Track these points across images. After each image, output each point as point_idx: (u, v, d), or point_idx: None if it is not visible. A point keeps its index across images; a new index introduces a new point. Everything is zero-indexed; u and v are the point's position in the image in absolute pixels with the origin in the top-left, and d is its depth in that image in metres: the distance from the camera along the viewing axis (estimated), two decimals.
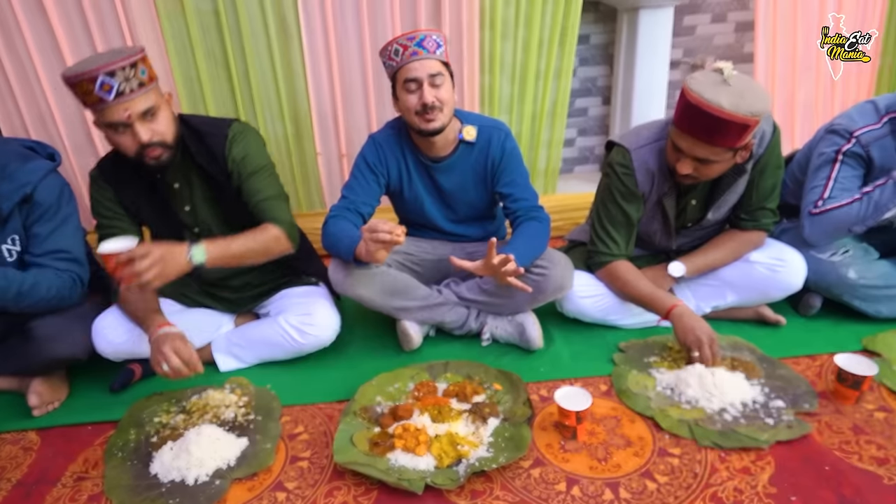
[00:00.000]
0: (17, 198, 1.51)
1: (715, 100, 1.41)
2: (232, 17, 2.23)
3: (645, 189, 1.73)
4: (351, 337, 1.92)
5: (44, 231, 1.57)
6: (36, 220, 1.56)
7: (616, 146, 1.76)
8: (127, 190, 1.64)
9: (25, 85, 2.25)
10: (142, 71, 1.44)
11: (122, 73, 1.39)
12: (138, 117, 1.44)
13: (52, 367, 1.65)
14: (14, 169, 1.52)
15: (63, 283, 1.58)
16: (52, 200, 1.57)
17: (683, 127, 1.51)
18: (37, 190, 1.54)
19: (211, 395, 1.62)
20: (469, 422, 1.43)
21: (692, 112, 1.45)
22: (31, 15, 2.13)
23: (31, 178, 1.53)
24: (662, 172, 1.70)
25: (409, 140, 1.79)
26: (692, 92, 1.44)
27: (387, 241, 1.44)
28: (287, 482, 1.34)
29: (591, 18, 2.89)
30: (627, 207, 1.74)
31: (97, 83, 1.37)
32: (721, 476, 1.27)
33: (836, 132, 1.74)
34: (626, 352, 1.74)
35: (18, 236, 1.57)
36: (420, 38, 1.61)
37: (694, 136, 1.49)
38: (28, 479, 1.39)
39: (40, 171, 1.56)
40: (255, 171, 1.64)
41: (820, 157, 1.76)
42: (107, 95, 1.39)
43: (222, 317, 1.85)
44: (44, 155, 1.65)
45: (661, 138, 1.69)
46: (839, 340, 1.74)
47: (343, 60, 2.37)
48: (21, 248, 1.58)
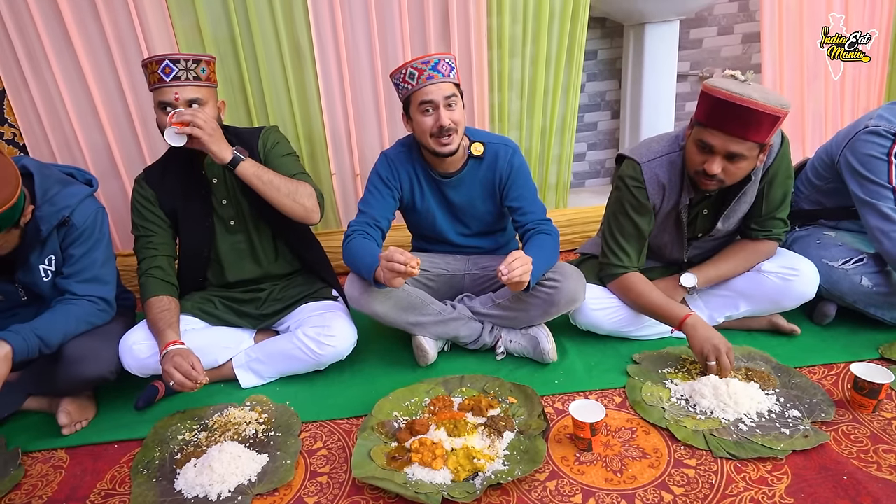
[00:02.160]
0: (55, 221, 1.59)
1: (746, 93, 1.43)
2: (248, 44, 2.30)
3: (656, 201, 1.74)
4: (367, 353, 1.95)
5: (77, 253, 1.64)
6: (71, 242, 1.63)
7: (626, 159, 1.78)
8: (167, 194, 1.81)
9: (53, 114, 2.34)
10: (202, 69, 1.67)
11: (183, 63, 1.63)
12: (184, 102, 1.65)
13: (81, 388, 1.70)
14: (55, 193, 1.59)
15: (94, 310, 1.67)
16: (88, 224, 1.64)
17: (715, 124, 1.50)
18: (74, 213, 1.61)
19: (232, 412, 1.66)
20: (485, 435, 1.45)
21: (724, 107, 1.46)
22: (58, 47, 2.23)
23: (69, 202, 1.61)
24: (673, 185, 1.71)
25: (420, 156, 1.83)
26: (720, 89, 1.46)
27: (401, 272, 1.50)
28: (307, 497, 1.36)
29: (598, 34, 2.94)
30: (638, 220, 1.76)
31: (161, 65, 1.62)
32: (737, 487, 1.27)
33: (878, 133, 1.70)
34: (640, 363, 1.75)
35: (55, 257, 1.64)
36: (434, 61, 1.66)
37: (728, 130, 1.49)
38: (58, 497, 1.44)
39: (79, 195, 1.64)
40: (284, 156, 1.84)
41: (868, 159, 1.71)
42: (165, 77, 1.63)
43: (243, 333, 1.90)
44: (82, 180, 1.73)
45: (671, 151, 1.71)
46: (855, 349, 1.73)
47: (355, 83, 2.43)
48: (56, 268, 1.65)
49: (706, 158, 1.56)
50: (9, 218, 1.44)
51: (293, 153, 1.89)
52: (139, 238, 1.83)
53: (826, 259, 1.80)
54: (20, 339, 1.50)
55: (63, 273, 1.65)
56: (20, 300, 1.71)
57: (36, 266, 1.63)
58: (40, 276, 1.64)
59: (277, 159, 1.81)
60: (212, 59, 1.72)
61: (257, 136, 1.83)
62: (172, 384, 1.56)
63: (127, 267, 2.45)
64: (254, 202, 1.81)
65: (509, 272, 1.51)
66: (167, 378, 1.57)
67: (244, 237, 1.88)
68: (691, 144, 1.61)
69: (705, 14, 2.95)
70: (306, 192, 1.75)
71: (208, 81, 1.70)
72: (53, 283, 1.66)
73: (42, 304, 1.68)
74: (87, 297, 1.66)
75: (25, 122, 2.35)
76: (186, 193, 1.81)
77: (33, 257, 1.61)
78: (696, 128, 1.59)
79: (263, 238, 1.90)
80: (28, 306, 1.72)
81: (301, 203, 1.73)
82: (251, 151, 1.78)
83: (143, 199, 1.81)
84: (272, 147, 1.82)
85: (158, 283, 1.77)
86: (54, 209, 1.58)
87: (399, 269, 1.50)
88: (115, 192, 2.51)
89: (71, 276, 1.65)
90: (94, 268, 1.67)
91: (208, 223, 1.84)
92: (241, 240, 1.88)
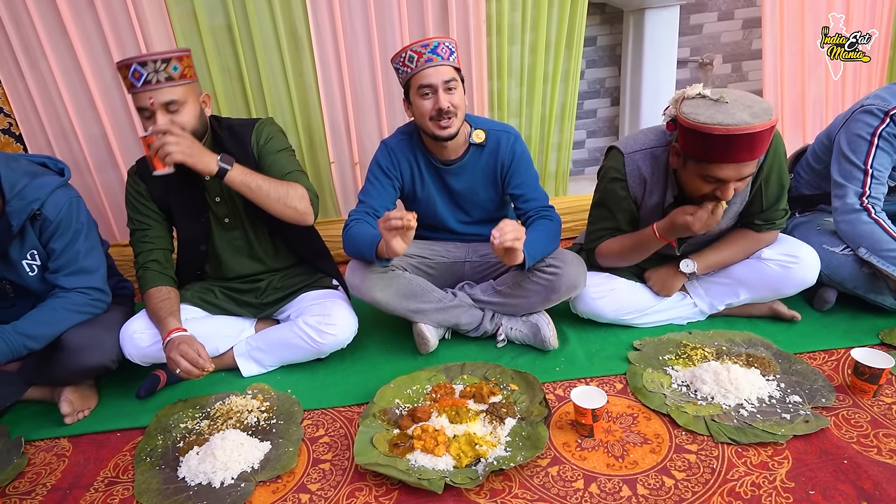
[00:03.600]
0: (25, 214, 1.55)
1: (740, 121, 1.38)
2: (245, 32, 2.28)
3: (637, 194, 1.73)
4: (368, 341, 1.95)
5: (59, 246, 1.62)
6: (50, 237, 1.61)
7: (612, 149, 1.76)
8: (159, 187, 1.75)
9: (48, 103, 2.33)
10: (174, 67, 1.58)
11: (152, 66, 1.55)
12: (160, 106, 1.58)
13: (83, 377, 1.70)
14: (23, 186, 1.55)
15: (86, 301, 1.66)
16: (63, 215, 1.61)
17: (723, 158, 1.45)
18: (45, 206, 1.58)
19: (234, 400, 1.67)
20: (486, 422, 1.46)
21: (726, 142, 1.41)
22: (53, 36, 2.21)
23: (38, 194, 1.57)
24: (655, 179, 1.69)
25: (421, 144, 1.82)
26: (710, 125, 1.40)
27: (399, 226, 1.49)
28: (310, 484, 1.37)
29: (597, 20, 2.91)
30: (617, 211, 1.75)
31: (130, 70, 1.55)
32: (738, 471, 1.28)
33: (870, 112, 1.72)
34: (641, 350, 1.75)
35: (37, 251, 1.62)
36: (434, 45, 1.65)
37: (736, 160, 1.45)
38: (62, 485, 1.44)
39: (48, 187, 1.59)
40: (279, 151, 1.78)
41: (854, 137, 1.73)
42: (136, 82, 1.56)
43: (244, 322, 1.90)
44: (55, 170, 1.69)
45: (657, 145, 1.69)
46: (855, 334, 1.74)
47: (353, 70, 2.41)
48: (41, 262, 1.64)
49: (717, 187, 1.52)
50: None
51: (288, 148, 1.82)
52: (135, 232, 1.80)
53: (827, 245, 1.80)
54: (1, 342, 1.50)
55: (50, 269, 1.64)
56: (9, 296, 1.70)
57: (18, 261, 1.61)
58: (25, 271, 1.62)
59: (271, 156, 1.76)
60: (184, 52, 1.62)
61: (251, 130, 1.77)
62: (179, 372, 1.55)
63: (126, 257, 2.45)
64: (248, 201, 1.75)
65: (501, 235, 1.50)
66: (173, 366, 1.56)
67: (241, 234, 1.85)
68: (694, 178, 1.54)
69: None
70: (298, 195, 1.69)
71: (183, 79, 1.60)
72: (42, 277, 1.65)
73: (38, 299, 1.67)
74: (77, 290, 1.65)
75: (22, 113, 2.34)
76: (180, 191, 1.75)
77: (13, 252, 1.60)
78: (691, 162, 1.52)
79: (260, 235, 1.86)
80: (23, 300, 1.71)
81: (293, 206, 1.68)
82: (243, 146, 1.73)
83: (137, 193, 1.77)
84: (265, 142, 1.76)
85: (156, 276, 1.76)
86: (23, 203, 1.55)
87: (396, 225, 1.48)
88: (113, 183, 2.49)
89: (57, 270, 1.63)
90: (79, 259, 1.65)
91: (204, 219, 1.81)
92: (237, 237, 1.85)
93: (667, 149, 1.67)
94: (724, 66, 3.05)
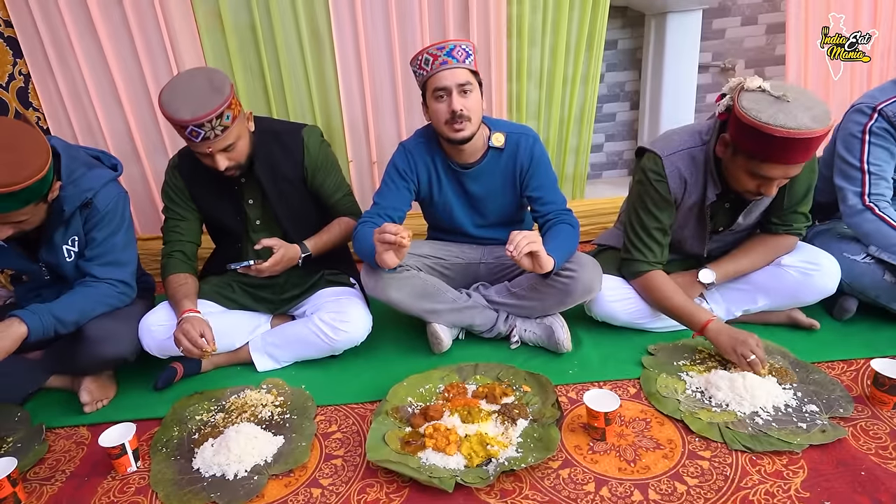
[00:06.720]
0: (78, 202, 1.61)
1: (802, 125, 1.36)
2: (267, 32, 2.32)
3: (677, 195, 1.72)
4: (382, 340, 1.96)
5: (99, 236, 1.67)
6: (94, 225, 1.66)
7: (647, 153, 1.74)
8: (197, 182, 1.83)
9: (76, 98, 2.38)
10: (226, 117, 1.61)
11: (208, 125, 1.58)
12: (219, 151, 1.65)
13: (101, 368, 1.73)
14: (80, 175, 1.62)
15: (113, 293, 1.70)
16: (110, 208, 1.67)
17: (778, 159, 1.44)
18: (97, 196, 1.64)
19: (248, 394, 1.69)
20: (498, 423, 1.46)
21: (784, 144, 1.39)
22: (82, 34, 2.26)
23: (93, 184, 1.63)
24: (695, 179, 1.69)
25: (439, 147, 1.83)
26: (774, 126, 1.37)
27: (392, 241, 1.50)
28: (322, 479, 1.38)
29: (618, 24, 2.91)
30: (660, 215, 1.73)
31: (187, 130, 1.58)
32: (752, 480, 1.26)
33: (860, 110, 1.74)
34: (656, 355, 1.74)
35: (78, 238, 1.67)
36: (450, 47, 1.65)
37: (790, 161, 1.44)
38: (81, 472, 1.47)
39: (102, 179, 1.66)
40: (331, 172, 1.91)
41: (847, 137, 1.75)
42: (194, 139, 1.60)
43: (260, 318, 1.92)
44: (108, 164, 1.76)
45: (693, 145, 1.68)
46: (876, 344, 1.71)
47: (373, 70, 2.43)
48: (79, 249, 1.69)
49: (761, 183, 1.52)
50: (38, 190, 1.46)
51: (336, 166, 1.93)
52: (168, 220, 1.87)
53: (848, 253, 1.78)
54: (37, 318, 1.54)
55: (85, 255, 1.68)
56: (44, 280, 1.75)
57: (60, 246, 1.66)
58: (64, 257, 1.67)
59: (321, 175, 1.87)
60: (230, 98, 1.60)
61: (299, 140, 1.83)
62: (181, 350, 1.61)
63: (146, 251, 2.49)
64: (275, 208, 1.85)
65: (516, 247, 1.51)
66: (175, 343, 1.61)
67: (267, 235, 1.86)
68: (741, 172, 1.53)
69: (729, 3, 2.90)
70: (350, 228, 1.88)
71: (234, 120, 1.64)
72: (76, 264, 1.69)
73: (64, 286, 1.72)
74: (107, 280, 1.69)
75: (50, 107, 2.40)
76: (218, 191, 1.83)
77: (57, 236, 1.65)
78: (742, 157, 1.50)
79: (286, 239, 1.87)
80: (51, 286, 1.76)
81: (348, 238, 1.92)
82: (292, 156, 1.81)
83: (175, 187, 1.84)
84: (320, 163, 1.86)
85: (179, 263, 1.82)
86: (78, 190, 1.61)
87: (389, 240, 1.50)
88: (136, 177, 2.54)
89: (92, 258, 1.68)
90: (115, 251, 1.70)
91: (239, 218, 1.87)
92: (266, 237, 1.85)
93: (703, 148, 1.66)
94: (746, 71, 3.02)
